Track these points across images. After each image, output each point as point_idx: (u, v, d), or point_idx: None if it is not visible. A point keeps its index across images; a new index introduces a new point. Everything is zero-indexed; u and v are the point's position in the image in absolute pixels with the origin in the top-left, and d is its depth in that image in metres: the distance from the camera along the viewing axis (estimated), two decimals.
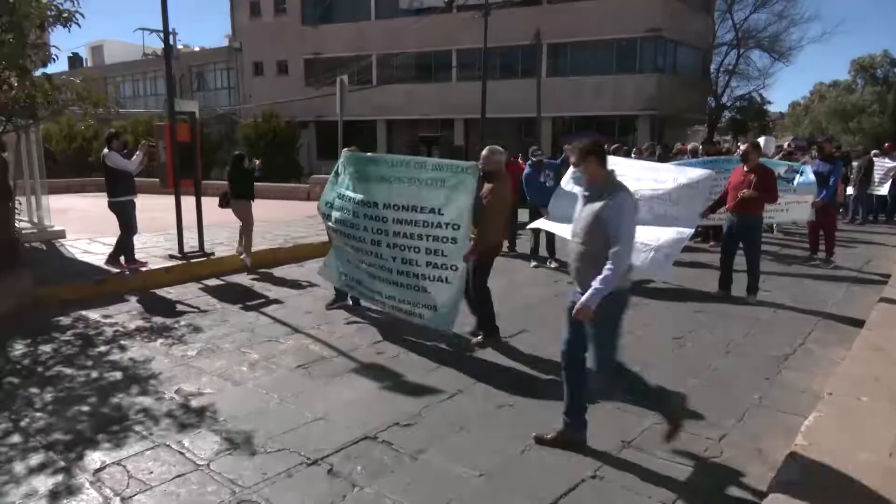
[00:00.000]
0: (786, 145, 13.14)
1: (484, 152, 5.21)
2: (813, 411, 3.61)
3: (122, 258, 7.64)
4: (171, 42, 9.22)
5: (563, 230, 6.16)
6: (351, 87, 13.29)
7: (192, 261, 8.19)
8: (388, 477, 3.23)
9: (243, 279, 7.99)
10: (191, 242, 8.47)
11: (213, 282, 7.81)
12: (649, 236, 6.51)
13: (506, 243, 8.14)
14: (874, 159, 13.76)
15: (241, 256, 8.37)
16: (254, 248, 8.82)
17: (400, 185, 5.07)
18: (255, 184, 8.59)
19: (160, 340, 5.46)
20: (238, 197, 8.47)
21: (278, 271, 8.46)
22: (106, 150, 7.51)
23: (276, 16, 35.45)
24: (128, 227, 7.57)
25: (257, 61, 36.54)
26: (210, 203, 8.71)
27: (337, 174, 5.75)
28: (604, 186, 3.32)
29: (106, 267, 7.62)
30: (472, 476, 3.23)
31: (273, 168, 10.01)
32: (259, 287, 7.57)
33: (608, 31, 27.28)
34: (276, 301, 6.86)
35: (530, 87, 25.83)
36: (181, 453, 3.47)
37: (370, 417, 3.89)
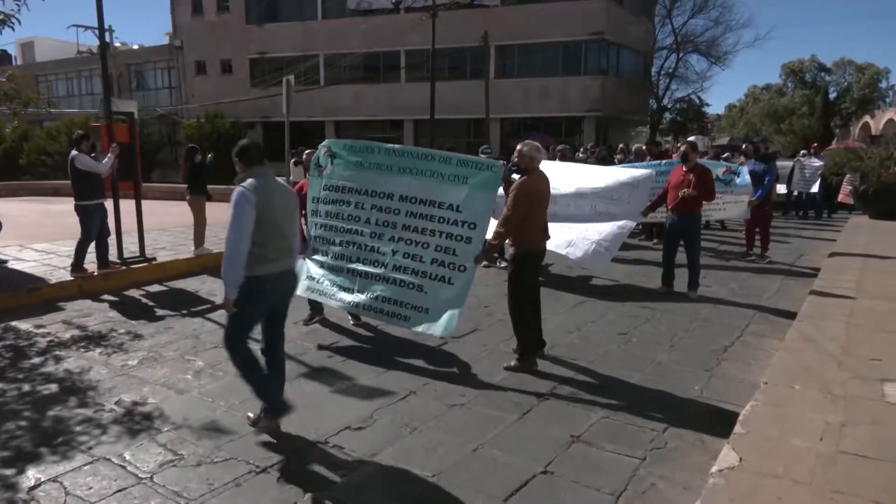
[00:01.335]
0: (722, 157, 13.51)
1: (519, 146, 4.73)
2: (750, 401, 3.77)
3: (99, 261, 7.41)
4: (107, 39, 8.88)
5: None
6: (298, 88, 13.10)
7: (133, 266, 7.90)
8: (340, 482, 3.20)
9: (188, 284, 7.76)
10: (131, 248, 8.17)
11: (155, 288, 7.55)
12: (591, 231, 6.69)
13: None
14: (801, 159, 14.48)
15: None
16: (197, 254, 8.64)
17: (422, 178, 4.85)
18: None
19: (98, 350, 5.25)
20: (192, 192, 8.47)
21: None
22: (74, 152, 7.17)
23: (219, 14, 34.56)
24: (86, 231, 7.22)
25: (200, 60, 35.52)
26: (151, 206, 8.43)
27: (319, 166, 5.40)
28: (240, 181, 3.53)
29: (73, 277, 7.24)
30: (425, 477, 3.23)
31: (218, 169, 9.75)
32: (204, 292, 7.37)
33: (554, 33, 27.78)
34: (222, 306, 6.67)
35: (479, 89, 26.04)
36: (122, 467, 3.35)
37: (321, 422, 3.84)
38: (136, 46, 42.07)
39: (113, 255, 8.02)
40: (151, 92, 37.82)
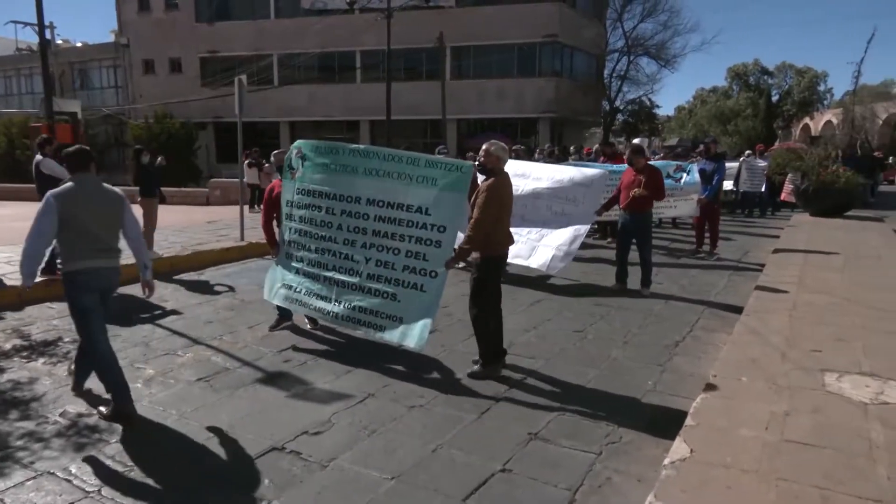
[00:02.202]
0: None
1: (484, 146, 4.58)
2: (700, 393, 3.89)
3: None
4: (48, 36, 8.54)
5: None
6: (250, 87, 12.84)
7: None
8: (298, 487, 3.16)
9: (136, 290, 7.49)
10: None
11: None
12: (551, 237, 6.80)
13: None
14: (748, 160, 15.02)
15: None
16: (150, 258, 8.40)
17: (390, 180, 4.68)
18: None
19: (42, 360, 5.03)
20: (142, 195, 8.29)
21: (176, 280, 8.03)
22: (39, 157, 6.90)
23: (167, 11, 33.62)
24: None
25: (147, 59, 34.46)
26: None
27: (291, 168, 5.23)
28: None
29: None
30: (384, 480, 3.21)
31: (168, 171, 9.52)
32: (154, 298, 7.11)
33: (508, 35, 28.07)
34: (174, 312, 6.51)
35: (435, 89, 26.07)
36: (68, 481, 3.22)
37: (277, 428, 3.78)
38: (79, 44, 40.50)
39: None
40: (96, 91, 36.50)
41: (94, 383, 4.50)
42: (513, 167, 4.82)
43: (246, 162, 14.35)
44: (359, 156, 4.91)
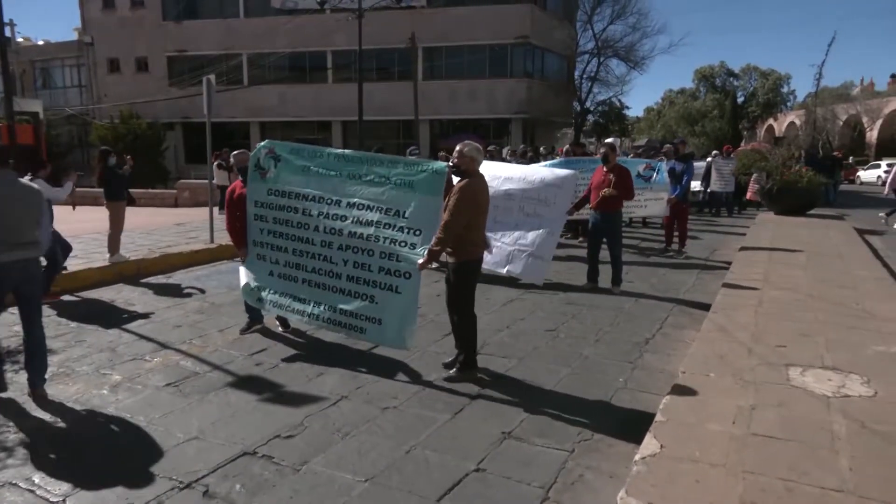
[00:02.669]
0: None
1: (458, 147, 4.48)
2: (669, 389, 3.95)
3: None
4: (8, 34, 8.30)
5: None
6: (220, 87, 12.66)
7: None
8: (270, 492, 3.12)
9: (102, 294, 7.35)
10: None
11: (65, 298, 7.10)
12: (525, 241, 6.85)
13: None
14: (718, 159, 15.32)
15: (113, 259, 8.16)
16: (112, 261, 8.22)
17: (369, 183, 4.70)
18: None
19: (4, 366, 4.87)
20: (108, 197, 8.12)
21: (143, 284, 7.87)
22: (28, 178, 6.71)
23: (133, 9, 32.98)
24: (52, 256, 6.76)
25: (112, 58, 33.75)
26: (62, 212, 7.92)
27: (261, 168, 5.16)
28: None
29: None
30: (358, 482, 3.20)
31: (135, 172, 9.34)
32: (121, 302, 7.00)
33: (480, 36, 28.19)
34: (142, 316, 6.38)
35: (407, 90, 26.04)
36: (31, 491, 3.13)
37: (249, 432, 3.73)
38: (41, 42, 39.47)
39: None
40: (59, 91, 35.61)
41: (52, 389, 4.40)
42: (486, 169, 4.81)
43: (216, 163, 14.12)
44: (342, 160, 4.95)
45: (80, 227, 7.66)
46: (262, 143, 5.35)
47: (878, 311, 5.73)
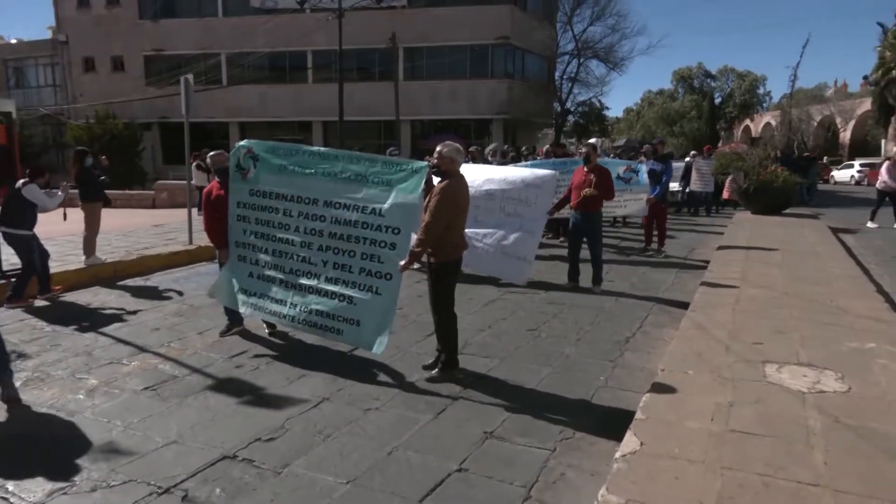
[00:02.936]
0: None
1: (438, 148, 4.49)
2: (649, 387, 3.99)
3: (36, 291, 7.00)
4: None
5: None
6: (198, 87, 12.50)
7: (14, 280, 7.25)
8: (250, 496, 3.09)
9: (78, 297, 7.22)
10: (12, 259, 7.49)
11: (40, 302, 6.97)
12: (507, 242, 6.87)
13: None
14: (699, 160, 15.51)
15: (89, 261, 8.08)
16: (88, 263, 8.10)
17: (346, 182, 4.62)
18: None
19: None
20: (84, 198, 8.00)
21: (120, 286, 7.75)
22: (25, 181, 6.82)
23: (109, 7, 32.46)
24: (31, 262, 6.85)
25: (88, 57, 33.19)
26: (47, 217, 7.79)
27: (241, 169, 5.11)
28: None
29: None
30: (340, 484, 3.18)
31: (112, 173, 9.23)
32: (97, 305, 6.89)
33: (461, 37, 28.23)
34: (119, 319, 6.28)
35: (388, 90, 25.98)
36: (4, 499, 3.06)
37: (229, 436, 3.69)
38: (13, 41, 38.68)
39: None
40: (33, 90, 34.92)
41: (27, 394, 4.31)
42: (466, 172, 4.81)
43: (194, 164, 13.96)
44: (317, 157, 4.88)
45: (55, 228, 7.51)
46: (241, 143, 5.30)
47: (851, 307, 5.84)
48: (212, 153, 5.72)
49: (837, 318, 5.53)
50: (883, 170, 13.36)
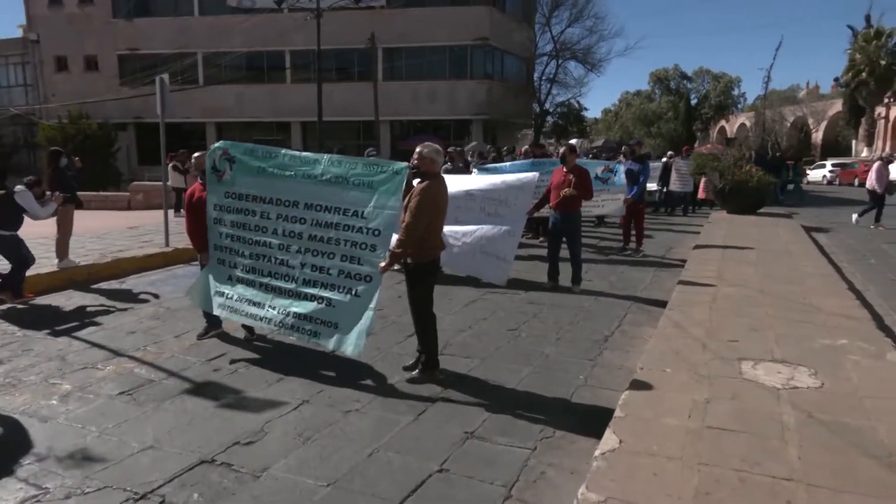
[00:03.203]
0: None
1: (417, 149, 4.48)
2: (628, 385, 4.03)
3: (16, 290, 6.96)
4: None
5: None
6: (174, 87, 12.34)
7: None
8: (229, 500, 3.06)
9: (51, 300, 7.08)
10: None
11: (9, 306, 6.81)
12: (486, 243, 6.88)
13: None
14: (678, 160, 15.70)
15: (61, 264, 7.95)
16: (62, 267, 7.94)
17: (326, 184, 4.58)
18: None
19: None
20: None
21: (95, 290, 7.61)
22: (22, 188, 6.99)
23: (81, 6, 31.89)
24: (24, 258, 7.01)
25: (60, 56, 32.58)
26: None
27: (217, 171, 5.04)
28: None
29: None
30: (320, 487, 3.16)
31: (86, 174, 9.10)
32: (71, 308, 6.76)
33: (440, 37, 28.26)
34: (93, 323, 6.17)
35: (367, 91, 25.91)
36: None
37: (207, 440, 3.65)
38: None
39: None
40: (3, 90, 34.23)
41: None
42: (449, 183, 4.83)
43: (170, 165, 13.77)
44: (297, 160, 4.84)
45: (27, 230, 7.35)
46: (217, 145, 5.23)
47: (823, 305, 5.97)
48: (196, 154, 5.64)
49: (810, 315, 5.64)
50: (873, 171, 12.91)
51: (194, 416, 3.99)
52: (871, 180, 13.05)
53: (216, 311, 5.18)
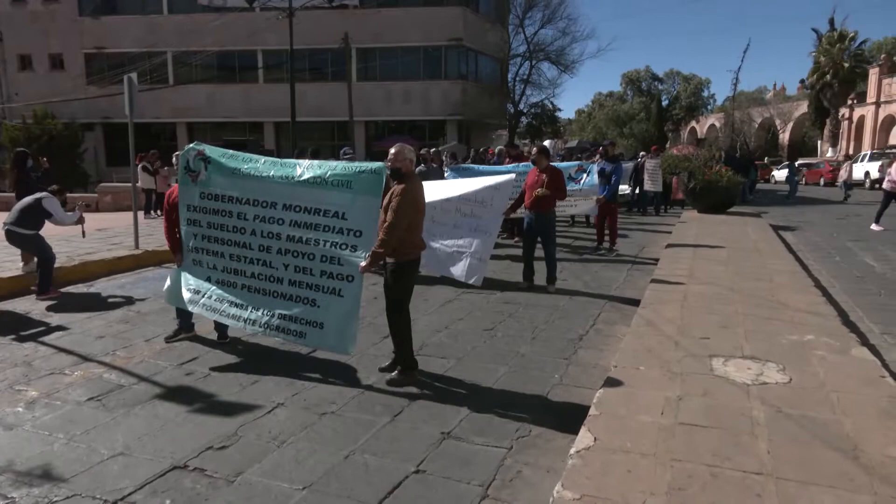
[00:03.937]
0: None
1: (393, 149, 4.49)
2: (603, 383, 4.08)
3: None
4: None
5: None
6: (142, 87, 12.11)
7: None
8: None
9: (16, 305, 6.89)
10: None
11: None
12: (463, 243, 6.91)
13: None
14: (650, 160, 15.90)
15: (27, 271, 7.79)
16: (27, 271, 7.73)
17: (305, 186, 4.53)
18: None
19: None
20: None
21: (62, 293, 7.43)
22: (47, 195, 7.24)
23: (46, 3, 31.11)
24: (49, 254, 7.32)
25: (24, 54, 31.77)
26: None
27: (191, 171, 4.95)
28: None
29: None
30: (295, 491, 3.13)
31: (52, 175, 8.89)
32: (37, 313, 6.58)
33: (414, 38, 28.24)
34: (60, 328, 6.02)
35: (341, 91, 25.75)
36: None
37: (179, 445, 3.59)
38: None
39: None
40: None
41: None
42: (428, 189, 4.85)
43: (140, 166, 13.50)
44: (277, 164, 4.80)
45: None
46: (191, 145, 5.14)
47: (791, 301, 6.11)
48: (177, 153, 5.55)
49: (778, 312, 5.77)
50: (892, 170, 12.50)
51: (166, 422, 3.92)
52: (889, 181, 12.54)
53: (193, 309, 5.10)
